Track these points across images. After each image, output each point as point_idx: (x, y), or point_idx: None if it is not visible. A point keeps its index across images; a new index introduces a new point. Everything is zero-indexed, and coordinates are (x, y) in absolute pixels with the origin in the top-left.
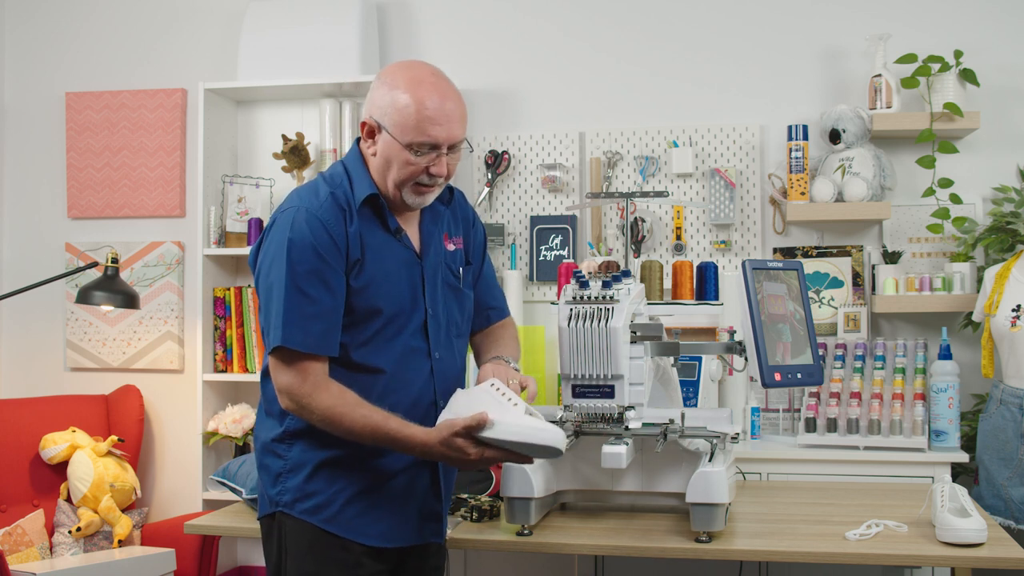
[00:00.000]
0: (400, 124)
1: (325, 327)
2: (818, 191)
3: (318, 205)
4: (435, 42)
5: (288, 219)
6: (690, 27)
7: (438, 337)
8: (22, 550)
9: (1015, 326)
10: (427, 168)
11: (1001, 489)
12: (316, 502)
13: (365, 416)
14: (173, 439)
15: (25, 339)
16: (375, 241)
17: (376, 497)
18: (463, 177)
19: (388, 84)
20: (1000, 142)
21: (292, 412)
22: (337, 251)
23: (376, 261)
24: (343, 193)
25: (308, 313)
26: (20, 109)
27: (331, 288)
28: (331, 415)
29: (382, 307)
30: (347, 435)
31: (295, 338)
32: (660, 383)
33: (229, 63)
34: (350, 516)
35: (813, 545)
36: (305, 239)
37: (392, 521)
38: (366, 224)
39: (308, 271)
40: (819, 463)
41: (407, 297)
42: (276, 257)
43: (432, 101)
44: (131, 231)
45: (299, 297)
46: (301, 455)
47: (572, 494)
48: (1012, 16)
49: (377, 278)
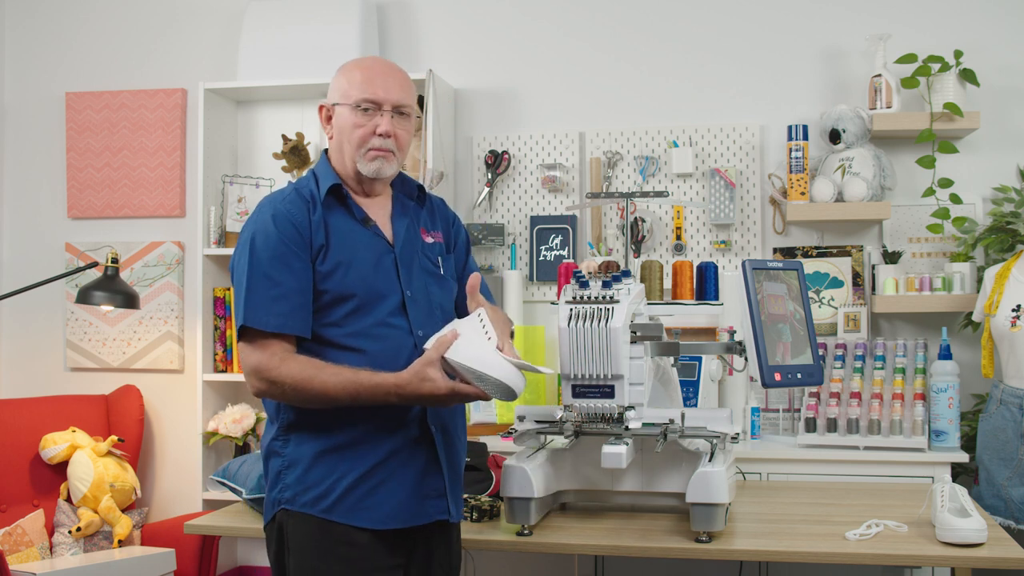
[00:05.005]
0: (346, 90)
1: (291, 307)
2: (818, 191)
3: (281, 199)
4: (435, 42)
5: (254, 215)
6: (690, 27)
7: (419, 316)
8: (22, 550)
9: (1015, 326)
10: (375, 129)
11: (1001, 489)
12: (316, 493)
13: (335, 373)
14: (173, 439)
15: (25, 339)
16: (341, 228)
17: (375, 480)
18: (463, 177)
19: (338, 72)
20: (1000, 142)
21: (262, 393)
22: (300, 237)
23: (343, 246)
24: (308, 187)
25: (273, 295)
26: (20, 109)
27: (294, 271)
28: (300, 379)
29: (354, 290)
30: (321, 398)
31: (260, 318)
32: (660, 383)
33: (229, 63)
34: (351, 503)
35: (813, 545)
36: (268, 230)
37: (393, 502)
38: (331, 214)
39: (271, 257)
40: (819, 463)
41: (380, 281)
42: (241, 252)
43: (375, 65)
44: (131, 231)
45: (263, 282)
46: (297, 449)
47: (572, 494)
48: (1012, 16)
49: (344, 262)
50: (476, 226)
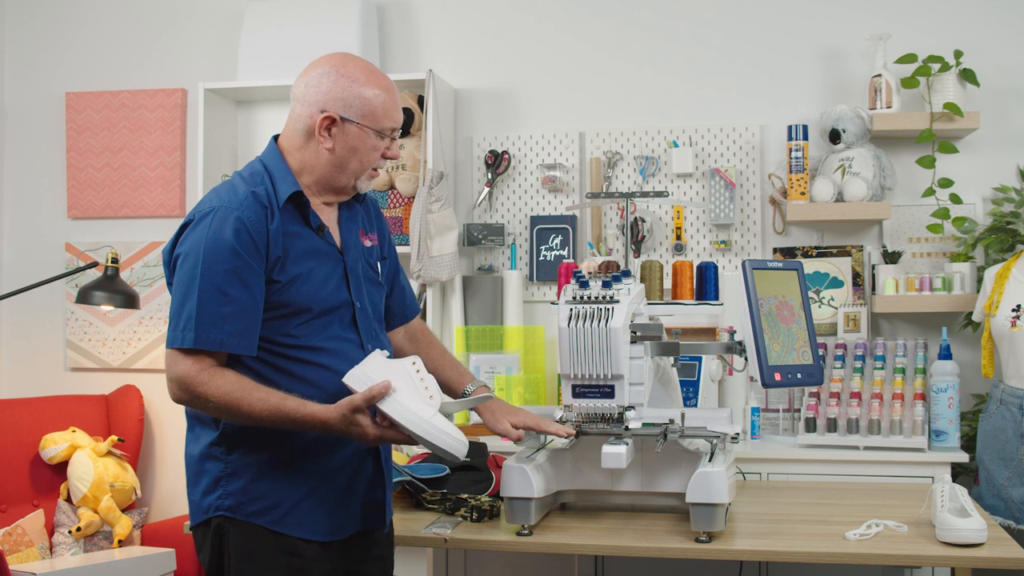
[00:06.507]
0: (371, 113)
1: (243, 326)
2: (818, 191)
3: (238, 203)
4: (435, 42)
5: (207, 220)
6: (690, 27)
7: (368, 329)
8: (22, 550)
9: (1015, 326)
10: (384, 152)
11: (1001, 489)
12: (265, 504)
13: (262, 399)
14: (173, 439)
15: (25, 339)
16: (298, 238)
17: (324, 493)
18: (463, 177)
19: (346, 77)
20: (1000, 142)
21: (183, 403)
22: (257, 251)
23: (299, 258)
24: (264, 191)
25: (225, 313)
26: (20, 109)
27: (249, 287)
28: (228, 400)
29: (310, 303)
30: (247, 420)
31: (210, 338)
32: (660, 383)
33: (229, 63)
34: (300, 515)
35: (813, 545)
36: (225, 239)
37: (340, 515)
38: (288, 221)
39: (226, 271)
40: (819, 463)
41: (333, 292)
42: (194, 257)
43: (391, 89)
44: (131, 231)
45: (216, 296)
46: (243, 457)
47: (572, 494)
48: (1012, 16)
49: (302, 274)
50: (476, 226)
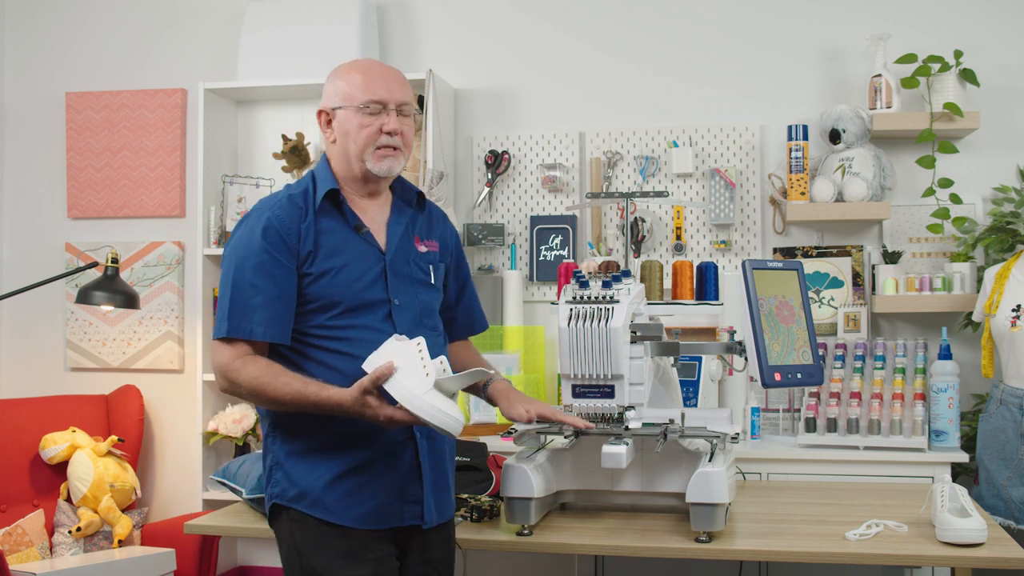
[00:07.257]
0: (350, 94)
1: (270, 315)
2: (818, 191)
3: (272, 205)
4: (435, 42)
5: (244, 222)
6: (690, 27)
7: (405, 323)
8: (22, 550)
9: (1015, 326)
10: (381, 127)
11: (1001, 489)
12: (300, 489)
13: (287, 383)
14: (173, 439)
15: (25, 339)
16: (332, 235)
17: (356, 480)
18: (463, 177)
19: (334, 76)
20: (1000, 142)
21: (227, 391)
22: (286, 247)
23: (330, 254)
24: (303, 192)
25: (254, 304)
26: (20, 109)
27: (276, 279)
28: (256, 384)
29: (339, 296)
30: (275, 404)
31: (241, 327)
32: (660, 383)
33: (229, 63)
34: (332, 500)
35: (813, 545)
36: (254, 238)
37: (373, 504)
38: (324, 219)
39: (254, 266)
40: (819, 463)
41: (366, 288)
42: (229, 256)
43: (373, 67)
44: (131, 231)
45: (246, 289)
46: (283, 445)
47: (572, 494)
48: (1012, 16)
49: (332, 268)
50: (476, 226)
